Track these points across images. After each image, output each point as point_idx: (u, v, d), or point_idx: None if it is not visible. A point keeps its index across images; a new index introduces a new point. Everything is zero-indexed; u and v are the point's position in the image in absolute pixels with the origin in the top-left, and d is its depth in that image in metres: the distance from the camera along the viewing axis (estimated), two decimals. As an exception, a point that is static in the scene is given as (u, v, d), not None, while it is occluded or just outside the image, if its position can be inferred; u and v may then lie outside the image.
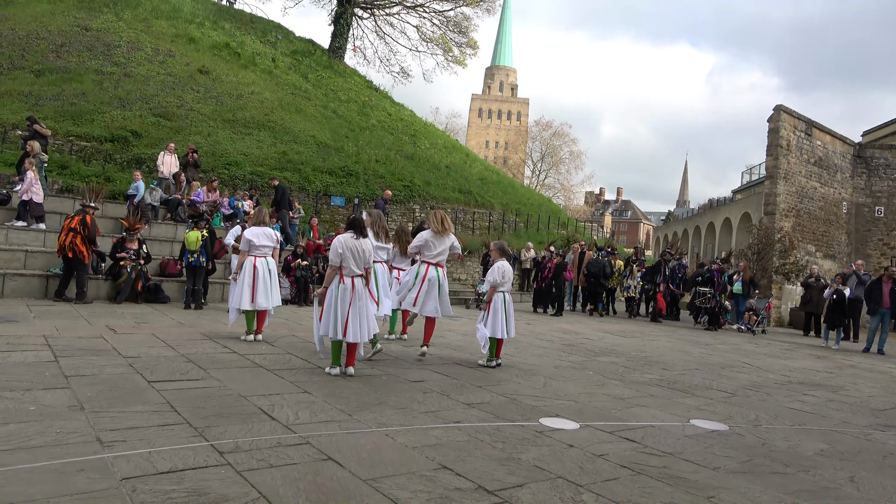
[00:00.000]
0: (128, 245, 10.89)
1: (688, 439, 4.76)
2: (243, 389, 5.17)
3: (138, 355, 6.22)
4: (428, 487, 3.33)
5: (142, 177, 14.40)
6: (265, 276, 7.69)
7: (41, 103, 19.10)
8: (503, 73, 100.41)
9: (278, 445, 3.82)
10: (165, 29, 27.42)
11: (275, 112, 24.19)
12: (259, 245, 7.76)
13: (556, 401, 5.73)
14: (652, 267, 17.52)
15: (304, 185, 19.70)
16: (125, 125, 19.00)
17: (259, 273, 7.64)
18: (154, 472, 3.24)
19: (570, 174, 74.43)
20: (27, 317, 8.18)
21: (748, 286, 16.34)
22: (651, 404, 5.93)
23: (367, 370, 6.45)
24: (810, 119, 24.95)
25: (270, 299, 7.77)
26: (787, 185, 23.86)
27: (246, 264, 7.69)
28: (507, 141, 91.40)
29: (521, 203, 29.09)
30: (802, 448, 4.81)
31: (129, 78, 22.39)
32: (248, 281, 7.57)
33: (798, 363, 10.30)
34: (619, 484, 3.63)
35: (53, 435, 3.69)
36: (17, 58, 21.77)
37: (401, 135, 29.22)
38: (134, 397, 4.67)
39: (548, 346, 9.60)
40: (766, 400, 6.70)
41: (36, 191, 11.62)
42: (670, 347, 10.88)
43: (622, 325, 14.60)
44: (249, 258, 7.72)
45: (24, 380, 4.89)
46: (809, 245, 24.68)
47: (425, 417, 4.78)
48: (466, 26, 37.02)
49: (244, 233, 7.98)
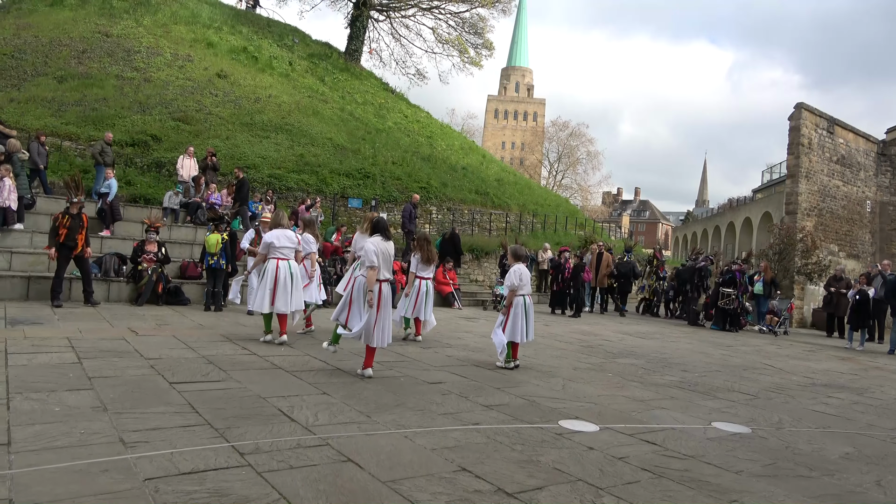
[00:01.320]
0: (147, 248, 11.02)
1: (709, 442, 4.70)
2: (263, 391, 5.20)
3: (160, 357, 6.28)
4: (447, 489, 3.32)
5: (113, 174, 13.73)
6: (286, 278, 7.64)
7: (64, 109, 19.42)
8: (519, 73, 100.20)
9: (298, 447, 3.84)
10: (184, 34, 27.74)
11: (292, 115, 24.36)
12: (279, 247, 7.70)
13: (575, 403, 5.70)
14: (686, 269, 17.15)
15: (321, 187, 19.80)
16: (145, 129, 19.24)
17: (280, 275, 7.62)
18: (176, 472, 3.27)
19: (588, 174, 74.00)
20: (51, 319, 8.31)
21: (769, 287, 16.12)
22: (671, 406, 5.87)
23: (386, 372, 6.46)
24: (832, 117, 24.59)
25: (290, 303, 7.69)
26: (808, 184, 23.53)
27: (268, 266, 7.64)
28: (524, 142, 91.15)
29: (538, 204, 28.98)
30: (827, 451, 4.73)
31: (149, 83, 22.68)
32: (270, 284, 7.54)
33: (821, 365, 10.15)
34: (640, 487, 3.60)
35: (78, 436, 3.74)
36: (41, 64, 22.16)
37: (417, 136, 29.28)
38: (156, 398, 4.72)
39: (566, 348, 9.55)
40: (789, 402, 6.60)
41: (13, 199, 11.22)
42: (690, 349, 10.77)
43: (641, 326, 14.48)
44: (272, 260, 7.66)
45: (49, 381, 4.96)
46: (832, 245, 24.31)
47: (444, 419, 4.78)
48: (482, 27, 37.00)
49: (264, 236, 7.99)
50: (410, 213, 17.08)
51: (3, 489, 2.91)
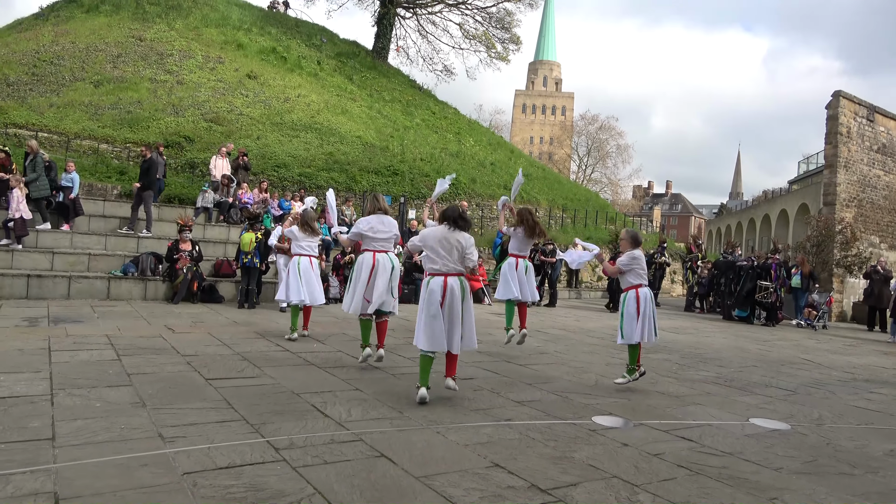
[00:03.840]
0: (182, 246, 11.24)
1: (747, 439, 4.61)
2: (296, 387, 5.26)
3: (195, 353, 6.40)
4: (481, 485, 3.32)
5: (75, 168, 13.00)
6: (307, 272, 7.84)
7: (100, 112, 19.91)
8: (547, 67, 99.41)
9: (332, 442, 3.87)
10: (215, 36, 28.19)
11: (321, 114, 24.58)
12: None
13: (608, 399, 5.64)
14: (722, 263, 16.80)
15: (350, 185, 19.94)
16: (178, 131, 19.62)
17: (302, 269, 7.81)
18: (213, 467, 3.33)
19: (618, 168, 73.05)
20: (91, 317, 8.53)
21: (807, 280, 15.72)
22: (708, 402, 5.77)
23: (416, 368, 6.46)
24: (872, 104, 23.86)
25: (303, 293, 7.73)
26: (847, 174, 22.88)
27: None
28: (553, 136, 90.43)
29: (567, 199, 28.74)
30: (870, 448, 4.59)
31: (182, 85, 23.12)
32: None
33: (862, 359, 9.86)
34: (676, 484, 3.54)
35: (118, 431, 3.83)
36: (78, 70, 22.75)
37: (445, 133, 29.28)
38: (192, 394, 4.81)
39: (599, 343, 9.46)
40: (829, 398, 6.43)
41: (23, 209, 10.99)
42: (726, 344, 10.57)
43: (675, 320, 14.26)
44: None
45: (90, 377, 5.10)
46: (873, 236, 23.61)
47: (476, 415, 4.77)
48: (509, 22, 36.83)
49: (291, 229, 8.10)
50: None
51: (49, 482, 2.99)
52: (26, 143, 13.07)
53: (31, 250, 11.07)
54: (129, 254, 11.86)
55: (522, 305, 7.46)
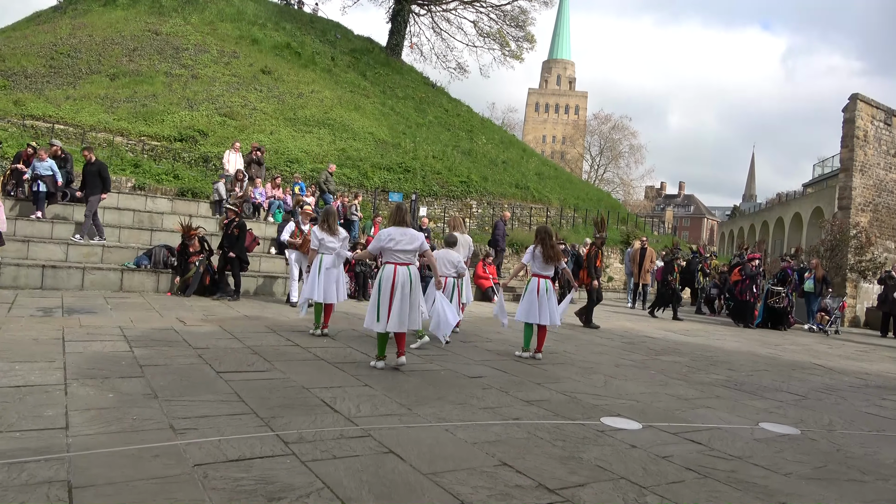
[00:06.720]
0: (191, 250, 11.25)
1: (757, 443, 4.59)
2: (306, 381, 5.29)
3: (207, 346, 6.45)
4: (488, 484, 3.33)
5: (47, 156, 12.24)
6: (327, 271, 7.86)
7: (116, 105, 20.07)
8: (560, 66, 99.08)
9: (341, 437, 3.90)
10: (230, 31, 28.33)
11: (334, 110, 24.65)
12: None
13: (617, 400, 5.63)
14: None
15: (362, 181, 20.01)
16: (193, 125, 19.76)
17: (321, 269, 7.82)
18: (224, 459, 3.36)
19: (630, 168, 72.68)
20: (104, 308, 8.62)
21: (820, 285, 15.59)
22: (717, 406, 5.75)
23: (426, 365, 6.50)
24: (890, 108, 23.61)
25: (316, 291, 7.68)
26: (863, 178, 22.66)
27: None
28: (565, 135, 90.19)
29: (578, 198, 28.69)
30: (882, 455, 4.56)
31: (197, 79, 23.26)
32: (316, 275, 7.67)
33: (875, 366, 9.78)
34: (684, 487, 3.53)
35: (130, 421, 3.87)
36: (94, 63, 22.94)
37: (457, 130, 29.28)
38: (204, 387, 4.85)
39: (607, 344, 9.44)
40: (840, 404, 6.38)
41: (2, 220, 10.20)
42: (736, 347, 10.51)
43: (685, 323, 14.20)
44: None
45: (103, 368, 5.15)
46: (888, 241, 23.38)
47: (484, 413, 4.78)
48: (524, 20, 36.77)
49: (314, 229, 8.10)
50: (504, 231, 16.81)
51: (63, 471, 3.03)
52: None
53: (47, 241, 11.19)
54: (142, 246, 11.96)
55: (542, 328, 7.42)
